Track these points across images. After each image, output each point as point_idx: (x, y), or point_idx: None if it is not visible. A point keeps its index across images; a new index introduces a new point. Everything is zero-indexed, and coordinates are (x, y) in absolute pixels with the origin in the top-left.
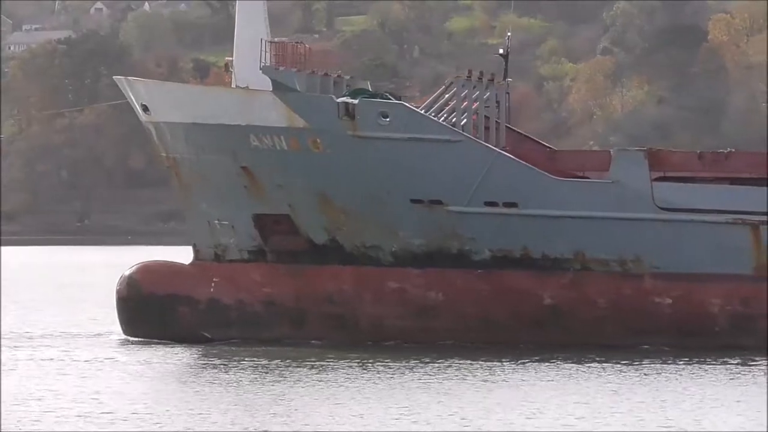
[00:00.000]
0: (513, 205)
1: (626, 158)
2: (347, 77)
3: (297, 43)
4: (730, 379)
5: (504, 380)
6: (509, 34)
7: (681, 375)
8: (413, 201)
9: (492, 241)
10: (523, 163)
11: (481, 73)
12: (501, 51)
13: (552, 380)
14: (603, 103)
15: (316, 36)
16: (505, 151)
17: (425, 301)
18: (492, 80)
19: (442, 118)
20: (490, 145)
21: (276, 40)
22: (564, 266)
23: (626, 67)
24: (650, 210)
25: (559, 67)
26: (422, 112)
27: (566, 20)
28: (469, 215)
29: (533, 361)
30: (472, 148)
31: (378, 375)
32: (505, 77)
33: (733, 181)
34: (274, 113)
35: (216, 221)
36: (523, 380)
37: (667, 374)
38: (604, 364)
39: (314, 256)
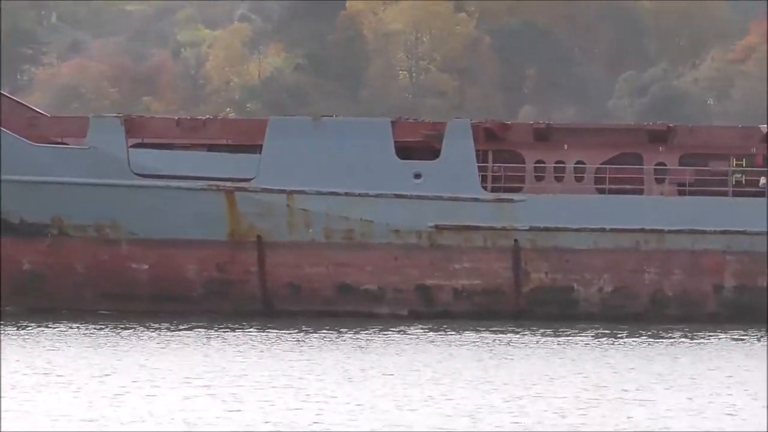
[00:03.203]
0: None
1: (102, 125)
2: None
3: None
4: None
5: None
6: None
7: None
8: None
9: None
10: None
11: None
12: None
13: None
14: (240, 70)
15: None
16: None
17: None
18: None
19: None
20: None
21: None
22: (43, 232)
23: (264, 34)
24: (126, 176)
25: (196, 33)
26: None
27: None
28: None
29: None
30: None
31: None
32: None
33: (211, 147)
34: None
35: None
36: None
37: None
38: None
39: None
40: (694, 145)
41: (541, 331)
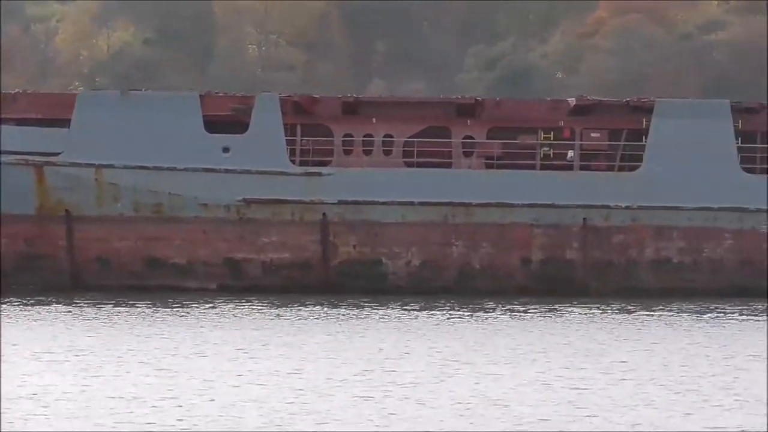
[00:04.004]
0: None
1: None
2: None
3: None
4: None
5: None
6: None
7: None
8: None
9: None
10: None
11: None
12: None
13: None
14: (89, 44)
15: None
16: None
17: None
18: None
19: None
20: None
21: None
22: None
23: (113, 8)
24: None
25: (46, 8)
26: None
27: None
28: None
29: None
30: None
31: None
32: None
33: (20, 121)
34: None
35: None
36: None
37: None
38: None
39: None
40: (502, 118)
41: (393, 305)
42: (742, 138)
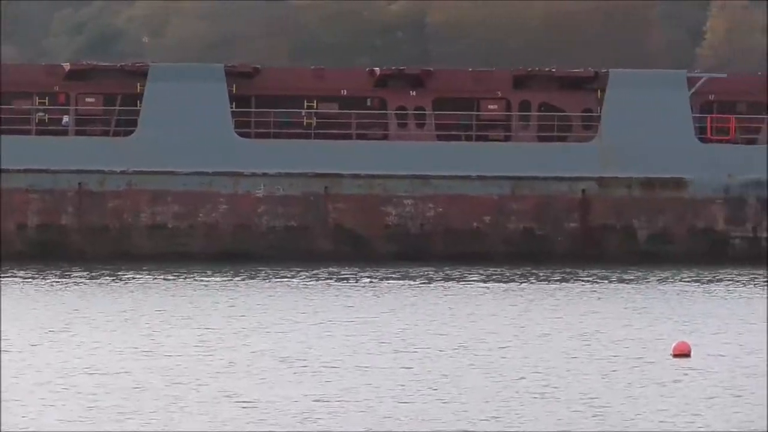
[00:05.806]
0: None
1: None
2: None
3: None
4: None
5: None
6: None
7: None
8: None
9: None
10: None
11: None
12: None
13: None
14: None
15: None
16: None
17: None
18: None
19: None
20: None
21: None
22: None
23: None
24: None
25: None
26: None
27: None
28: None
29: None
30: None
31: None
32: None
33: None
34: None
35: None
36: None
37: None
38: None
39: None
40: (6, 83)
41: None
42: (236, 102)
